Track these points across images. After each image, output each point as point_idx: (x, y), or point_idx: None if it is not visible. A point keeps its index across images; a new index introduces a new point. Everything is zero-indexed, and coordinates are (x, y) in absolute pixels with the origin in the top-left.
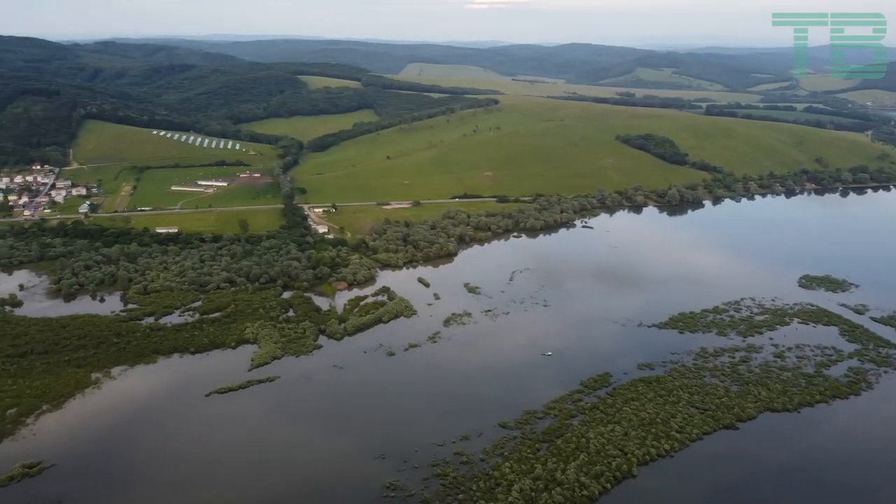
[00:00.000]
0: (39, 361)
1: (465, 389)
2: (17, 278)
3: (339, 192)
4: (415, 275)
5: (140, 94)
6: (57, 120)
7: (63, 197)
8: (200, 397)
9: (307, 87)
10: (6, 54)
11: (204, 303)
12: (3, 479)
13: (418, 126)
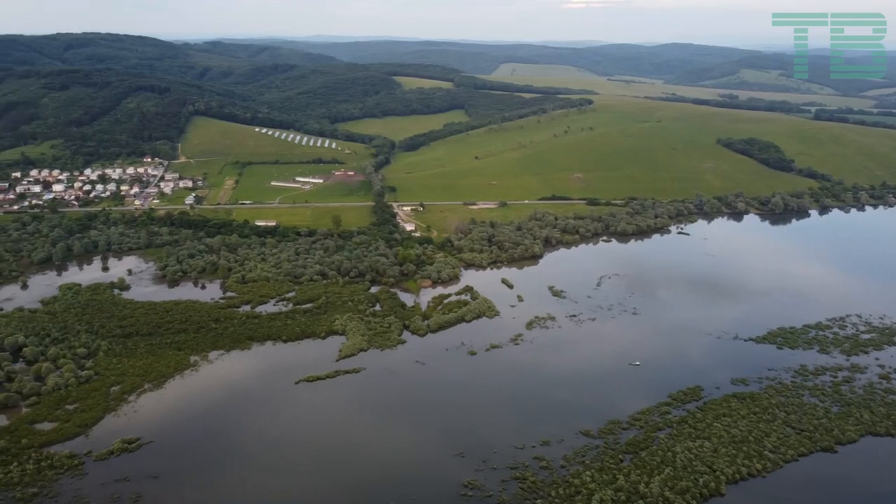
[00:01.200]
0: (143, 343)
1: (546, 394)
2: (126, 263)
3: (428, 191)
4: (499, 275)
5: (244, 93)
6: (167, 115)
7: (171, 188)
8: (290, 384)
9: (401, 88)
10: (123, 52)
11: (297, 294)
12: (104, 452)
13: (508, 126)
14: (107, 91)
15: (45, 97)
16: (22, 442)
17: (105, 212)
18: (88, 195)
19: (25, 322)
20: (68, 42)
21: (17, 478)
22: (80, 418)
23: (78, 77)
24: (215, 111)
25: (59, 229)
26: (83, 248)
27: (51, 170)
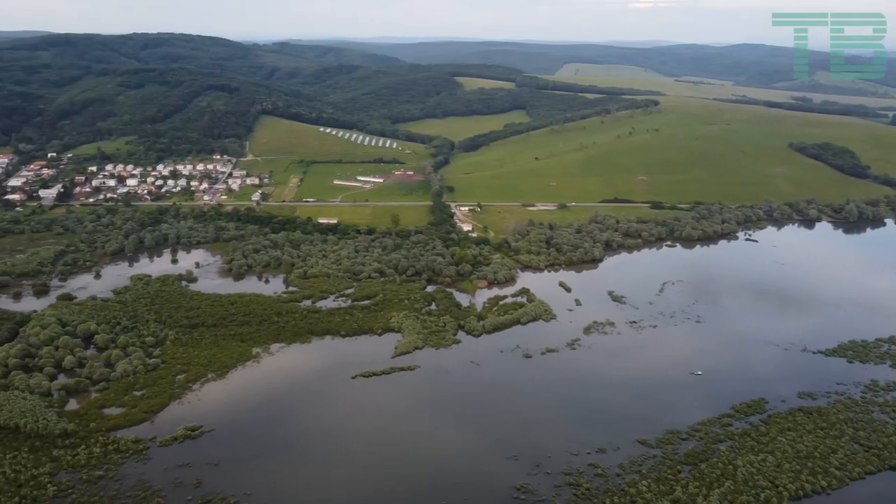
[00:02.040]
0: (208, 333)
1: (603, 401)
2: (194, 256)
3: (486, 191)
4: (556, 278)
5: (310, 93)
6: (236, 114)
7: (238, 185)
8: (347, 379)
9: (462, 88)
10: (196, 52)
11: (356, 290)
12: (168, 438)
13: (570, 127)
14: (180, 90)
15: (120, 95)
16: (90, 426)
17: (175, 206)
18: (160, 190)
19: (98, 310)
20: (144, 42)
21: (84, 460)
22: (146, 405)
23: (152, 76)
24: (282, 111)
25: (132, 222)
26: (154, 241)
27: (125, 165)
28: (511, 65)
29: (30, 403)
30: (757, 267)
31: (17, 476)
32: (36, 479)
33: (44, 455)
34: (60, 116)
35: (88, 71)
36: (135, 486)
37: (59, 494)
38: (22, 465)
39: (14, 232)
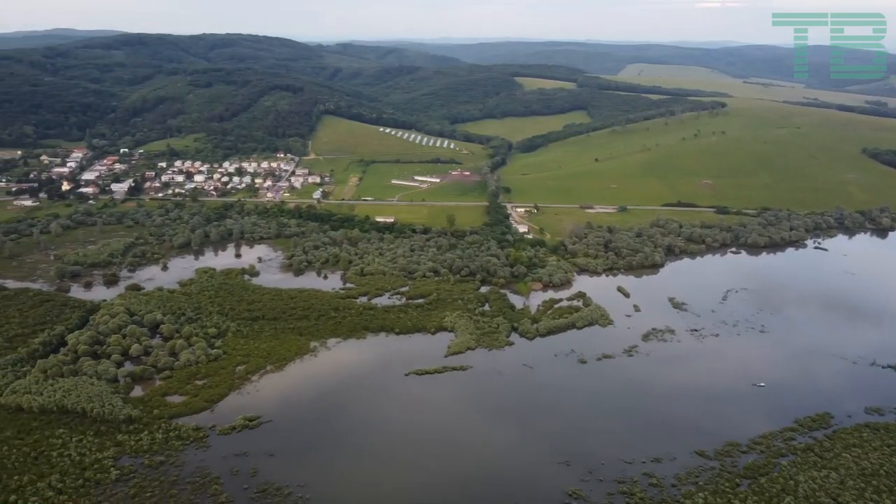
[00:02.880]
0: (268, 326)
1: (660, 409)
2: (257, 251)
3: (543, 192)
4: (614, 283)
5: (371, 93)
6: (300, 114)
7: (300, 183)
8: (400, 376)
9: (522, 89)
10: (262, 53)
11: (410, 289)
12: (227, 427)
13: (632, 128)
14: (246, 89)
15: (190, 93)
16: (153, 412)
17: (240, 202)
18: (226, 186)
19: (164, 301)
20: (213, 42)
21: (146, 446)
22: (207, 394)
23: (220, 75)
24: (344, 111)
25: (199, 217)
26: (219, 236)
27: (193, 161)
28: (573, 65)
29: (97, 389)
30: (826, 276)
31: (82, 459)
32: (100, 463)
33: (108, 439)
34: (133, 114)
35: (160, 70)
36: (194, 472)
37: (121, 478)
38: (87, 449)
39: (87, 224)
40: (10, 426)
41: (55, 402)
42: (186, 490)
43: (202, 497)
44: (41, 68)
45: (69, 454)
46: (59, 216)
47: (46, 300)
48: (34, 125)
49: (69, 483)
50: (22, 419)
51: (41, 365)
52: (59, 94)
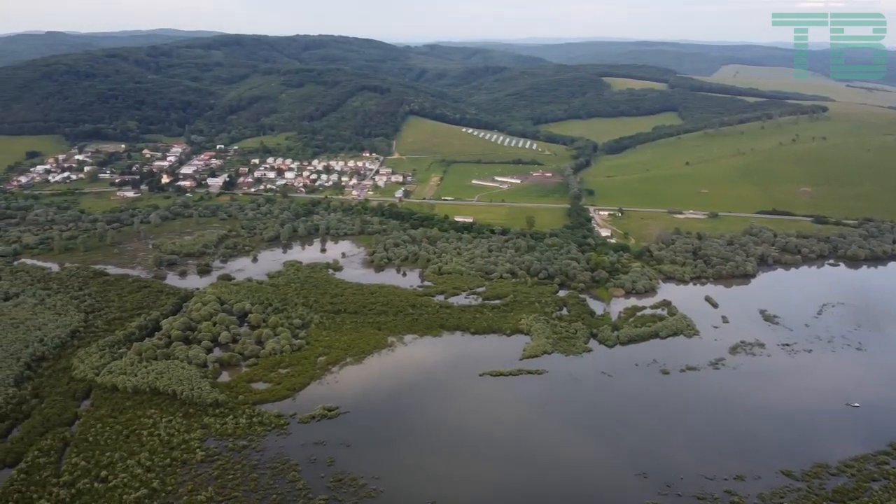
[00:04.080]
0: (349, 320)
1: (745, 426)
2: (341, 247)
3: (628, 196)
4: (702, 292)
5: (455, 94)
6: (386, 114)
7: (384, 182)
8: (474, 376)
9: (610, 89)
10: (351, 54)
11: (487, 289)
12: (307, 416)
13: (726, 132)
14: (336, 90)
15: (283, 93)
16: (239, 398)
17: (327, 199)
18: (314, 183)
19: (253, 291)
20: (306, 43)
21: (231, 429)
22: (289, 382)
23: (312, 76)
24: (428, 111)
25: (288, 212)
26: (306, 231)
27: (284, 159)
28: (664, 65)
29: (187, 373)
30: None
31: (170, 439)
32: (187, 444)
33: (195, 422)
34: (229, 111)
35: (255, 70)
36: (274, 458)
37: (206, 459)
38: (175, 430)
39: (184, 215)
40: (106, 404)
41: (148, 384)
42: (266, 475)
43: (281, 482)
44: (145, 66)
45: (159, 434)
46: (158, 207)
47: (144, 286)
48: (138, 120)
49: (157, 461)
50: (116, 398)
51: (137, 348)
52: (162, 92)
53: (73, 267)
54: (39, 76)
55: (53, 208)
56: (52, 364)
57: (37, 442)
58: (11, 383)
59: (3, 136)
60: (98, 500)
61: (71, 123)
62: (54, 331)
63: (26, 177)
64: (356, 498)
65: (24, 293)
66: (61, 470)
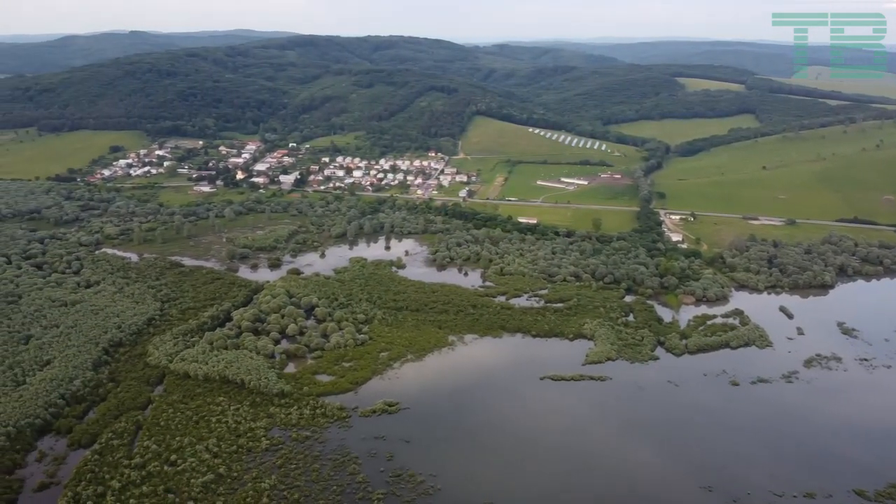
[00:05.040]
0: (411, 317)
1: (818, 442)
2: (404, 245)
3: (701, 200)
4: (776, 302)
5: (523, 94)
6: (452, 114)
7: (448, 182)
8: (535, 379)
9: (684, 90)
10: (420, 55)
11: (550, 292)
12: (368, 410)
13: (806, 136)
14: (404, 90)
15: (353, 93)
16: (303, 389)
17: (392, 198)
18: (380, 182)
19: (320, 286)
20: (376, 44)
21: (295, 420)
22: (352, 376)
23: (381, 76)
24: (494, 111)
25: (355, 210)
26: (372, 228)
27: (353, 158)
28: (741, 66)
29: (255, 363)
30: None
31: (237, 426)
32: (253, 432)
33: (262, 411)
34: (301, 111)
35: (327, 70)
36: (335, 450)
37: (270, 448)
38: (242, 418)
39: (256, 211)
40: (178, 390)
41: (218, 372)
42: (327, 466)
43: (341, 474)
44: (223, 66)
45: (226, 421)
46: (232, 202)
47: (217, 278)
48: (215, 118)
49: (224, 447)
50: (188, 385)
51: (208, 337)
52: (238, 91)
53: (150, 257)
54: (123, 74)
55: (134, 201)
56: (128, 350)
57: (111, 424)
58: (90, 367)
59: (89, 131)
60: (167, 482)
61: (152, 120)
62: (131, 318)
63: (109, 170)
64: (414, 494)
65: (104, 281)
66: (133, 452)
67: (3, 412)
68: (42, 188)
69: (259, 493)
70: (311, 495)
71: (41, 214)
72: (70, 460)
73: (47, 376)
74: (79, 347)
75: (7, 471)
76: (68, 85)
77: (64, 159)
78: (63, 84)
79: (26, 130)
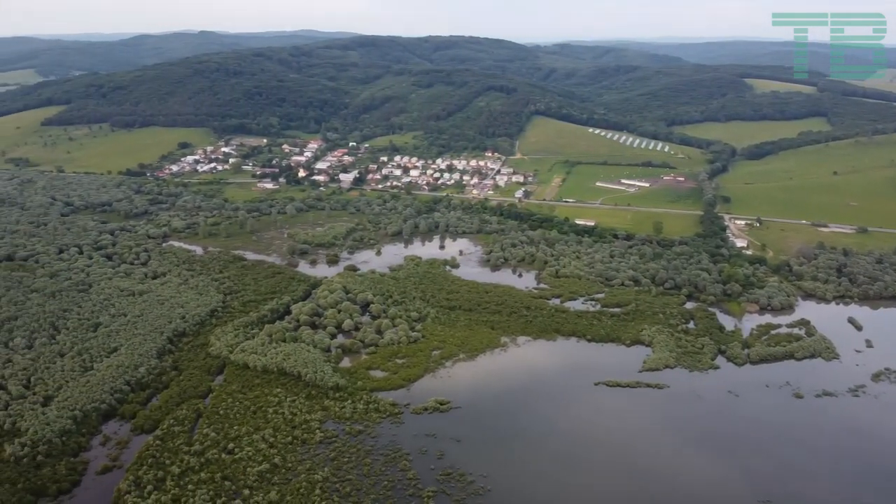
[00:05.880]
0: (464, 316)
1: (882, 459)
2: (458, 244)
3: (768, 205)
4: (845, 313)
5: (584, 94)
6: (510, 114)
7: (504, 182)
8: (589, 384)
9: (752, 91)
10: (480, 54)
11: (607, 296)
12: (419, 408)
13: (881, 140)
14: (463, 90)
15: (413, 93)
16: (357, 384)
17: (448, 198)
18: (437, 182)
19: (375, 283)
20: (437, 44)
21: (348, 413)
22: (405, 373)
23: (441, 76)
24: (554, 111)
25: (411, 209)
26: (427, 227)
27: (410, 157)
28: (813, 67)
29: (312, 356)
30: None
31: (293, 418)
32: (307, 424)
33: (317, 403)
34: (362, 110)
35: (388, 70)
36: (387, 445)
37: (324, 441)
38: (298, 409)
39: (316, 208)
40: (237, 381)
41: (276, 364)
42: (379, 461)
43: (392, 470)
44: (287, 66)
45: (283, 412)
46: (294, 199)
47: (277, 272)
48: (279, 117)
49: (280, 438)
50: (247, 375)
51: (268, 329)
52: (301, 90)
53: (215, 251)
54: (192, 73)
55: (200, 196)
56: (191, 340)
57: (173, 411)
58: (154, 355)
59: (159, 128)
60: (224, 469)
61: (219, 118)
62: (195, 309)
63: (177, 166)
64: (464, 494)
65: (170, 273)
66: (193, 439)
67: (70, 396)
68: (113, 182)
69: (312, 485)
70: (362, 489)
71: (112, 207)
72: (133, 445)
73: (114, 363)
74: (144, 336)
75: (73, 453)
76: (140, 83)
77: (135, 154)
78: (135, 82)
79: (100, 126)
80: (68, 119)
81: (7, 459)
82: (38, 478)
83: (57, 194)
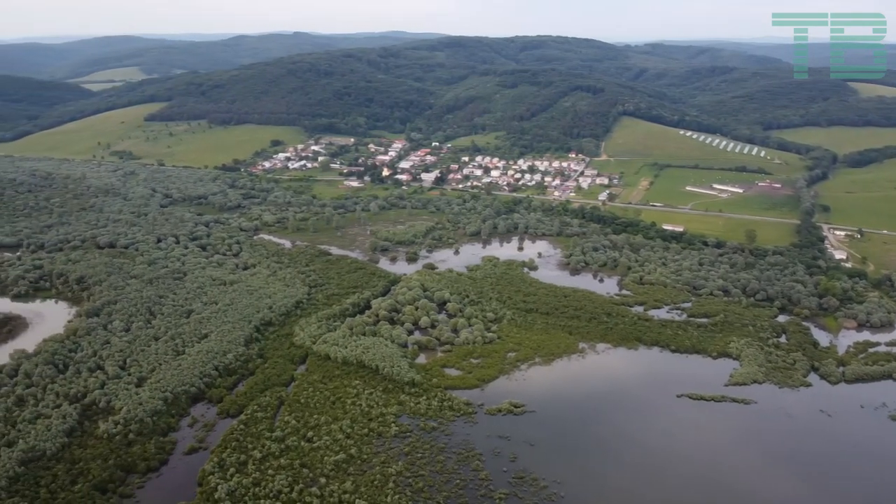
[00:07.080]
0: (541, 320)
1: None
2: (537, 246)
3: (871, 215)
4: None
5: (675, 95)
6: (597, 115)
7: (588, 184)
8: (671, 396)
9: (857, 95)
10: (568, 54)
11: (693, 305)
12: (493, 409)
13: None
14: (548, 90)
15: (497, 93)
16: (433, 381)
17: (528, 199)
18: (517, 182)
19: (452, 282)
20: (523, 44)
21: (423, 409)
22: (479, 373)
23: (526, 76)
24: (643, 112)
25: (490, 209)
26: (506, 228)
27: (491, 157)
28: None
29: (390, 351)
30: None
31: (369, 410)
32: (383, 417)
33: (393, 397)
34: (446, 111)
35: (473, 70)
36: (460, 444)
37: (399, 434)
38: (375, 402)
39: (398, 206)
40: (318, 371)
41: (355, 357)
42: (452, 459)
43: (465, 469)
44: (376, 66)
45: (360, 404)
46: (377, 198)
47: (360, 268)
48: (366, 117)
49: (356, 430)
50: (328, 366)
51: (349, 322)
52: (388, 91)
53: (302, 245)
54: (285, 73)
55: (290, 192)
56: (277, 329)
57: (257, 398)
58: (242, 343)
59: (253, 125)
60: (303, 457)
61: (309, 117)
62: (282, 300)
63: (270, 162)
64: (536, 499)
65: (259, 265)
66: (275, 425)
67: (163, 378)
68: (209, 176)
69: (386, 478)
70: (434, 486)
71: (207, 200)
72: (218, 428)
73: (204, 348)
74: (234, 324)
75: (162, 433)
76: (236, 82)
77: (230, 150)
78: (232, 81)
79: (198, 122)
80: (169, 115)
81: (101, 436)
82: (128, 455)
83: (157, 186)
